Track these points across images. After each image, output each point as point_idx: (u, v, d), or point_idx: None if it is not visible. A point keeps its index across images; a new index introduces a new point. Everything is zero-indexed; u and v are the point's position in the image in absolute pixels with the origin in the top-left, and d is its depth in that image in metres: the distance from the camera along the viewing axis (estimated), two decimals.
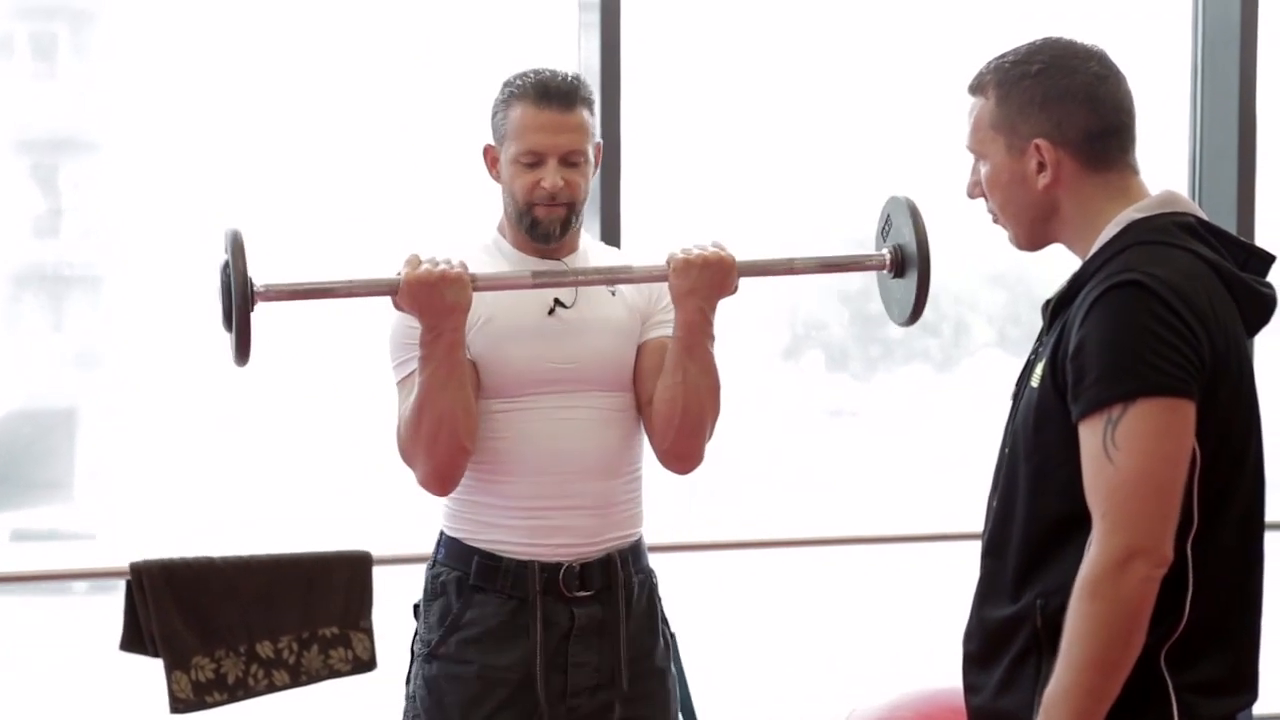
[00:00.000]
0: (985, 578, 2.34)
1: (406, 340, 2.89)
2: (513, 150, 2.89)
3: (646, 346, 2.97)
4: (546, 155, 2.88)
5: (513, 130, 2.89)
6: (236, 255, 2.72)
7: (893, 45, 4.85)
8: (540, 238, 2.92)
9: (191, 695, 3.54)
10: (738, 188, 4.79)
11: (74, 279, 4.51)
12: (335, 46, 4.45)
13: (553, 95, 2.88)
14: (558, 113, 2.88)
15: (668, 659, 3.03)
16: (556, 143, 2.88)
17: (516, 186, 2.90)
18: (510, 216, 2.95)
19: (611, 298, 2.96)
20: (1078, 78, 2.28)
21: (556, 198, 2.88)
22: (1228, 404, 2.19)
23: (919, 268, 2.83)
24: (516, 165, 2.89)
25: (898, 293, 2.91)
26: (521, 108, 2.89)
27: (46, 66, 4.47)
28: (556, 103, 2.88)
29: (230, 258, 2.72)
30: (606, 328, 2.94)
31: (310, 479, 4.56)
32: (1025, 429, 2.26)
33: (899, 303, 2.91)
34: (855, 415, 5.16)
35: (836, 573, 4.93)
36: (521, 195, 2.90)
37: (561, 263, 2.94)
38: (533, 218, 2.90)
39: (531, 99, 2.88)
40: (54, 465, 4.52)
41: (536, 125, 2.88)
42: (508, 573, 2.91)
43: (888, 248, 2.89)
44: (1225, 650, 2.23)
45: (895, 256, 2.88)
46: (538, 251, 2.95)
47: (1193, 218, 2.27)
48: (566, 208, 2.91)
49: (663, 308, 2.98)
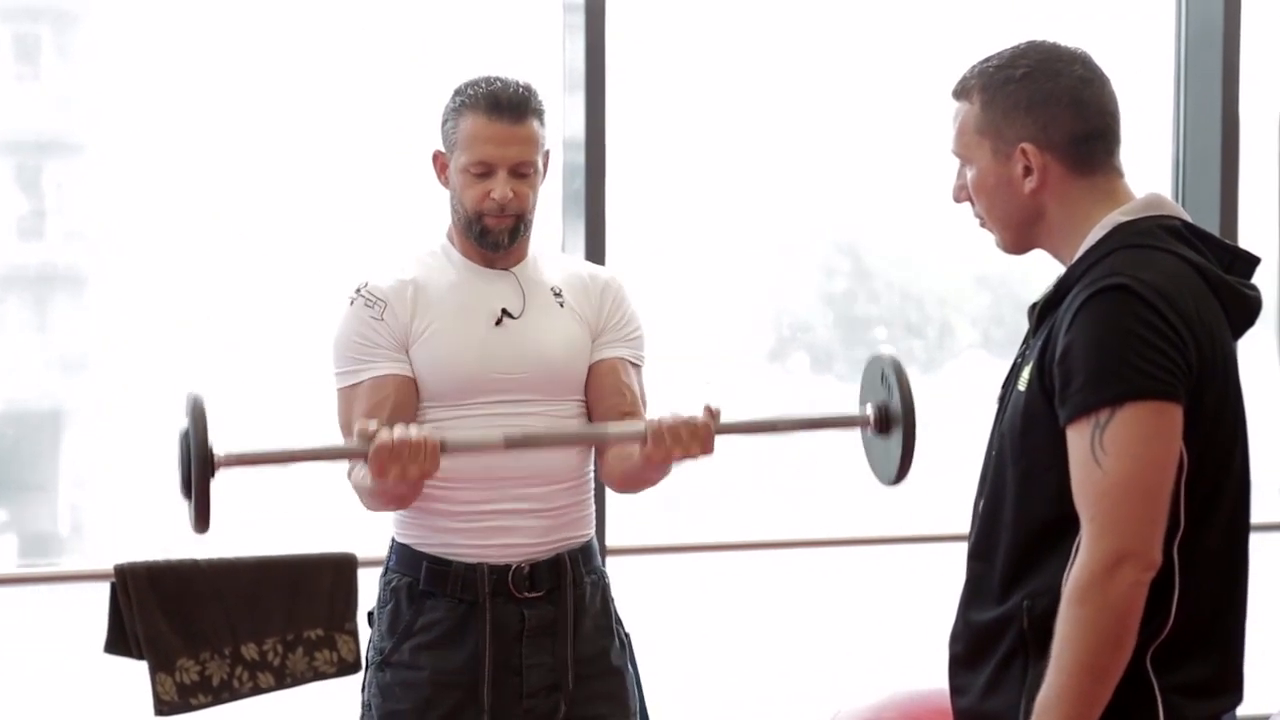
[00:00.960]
0: (971, 580, 2.34)
1: (354, 354, 2.92)
2: (463, 160, 2.90)
3: (600, 368, 2.99)
4: (496, 166, 2.89)
5: (463, 140, 2.90)
6: (197, 424, 2.60)
7: (880, 46, 4.85)
8: (490, 246, 2.93)
9: (176, 697, 3.53)
10: (723, 189, 4.79)
11: (58, 281, 4.50)
12: (320, 47, 4.45)
13: (504, 107, 2.88)
14: (508, 125, 2.88)
15: (624, 658, 3.04)
16: (506, 154, 2.89)
17: (466, 196, 2.91)
18: (459, 224, 2.96)
19: (560, 309, 2.97)
20: (1062, 81, 2.28)
21: (506, 209, 2.90)
22: (1214, 407, 2.19)
23: (904, 426, 2.76)
24: (466, 175, 2.91)
25: (882, 450, 2.84)
26: (472, 118, 2.89)
27: (30, 68, 4.47)
28: (508, 114, 2.88)
29: (191, 427, 2.60)
30: (554, 338, 2.95)
31: (295, 481, 4.55)
32: (1012, 433, 2.26)
33: (883, 461, 2.84)
34: None
35: (822, 575, 4.94)
36: (471, 205, 2.91)
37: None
38: (482, 226, 2.92)
39: (483, 110, 2.89)
40: (38, 467, 4.51)
41: (486, 136, 2.88)
42: (457, 577, 2.92)
43: (871, 406, 2.82)
44: (1211, 652, 2.23)
45: (879, 415, 2.81)
46: (486, 259, 2.96)
47: (1178, 221, 2.27)
48: (515, 218, 2.92)
49: (614, 324, 3.00)
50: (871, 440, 2.85)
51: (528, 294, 2.96)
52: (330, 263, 4.42)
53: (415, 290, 2.93)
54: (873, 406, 2.82)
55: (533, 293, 2.97)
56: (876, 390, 2.82)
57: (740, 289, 2.76)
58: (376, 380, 2.89)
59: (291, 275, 4.49)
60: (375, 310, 2.91)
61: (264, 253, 4.50)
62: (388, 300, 2.92)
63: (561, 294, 2.99)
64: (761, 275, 5.02)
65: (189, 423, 2.61)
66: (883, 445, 2.83)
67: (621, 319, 3.01)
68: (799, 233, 5.04)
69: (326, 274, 4.37)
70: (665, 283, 4.52)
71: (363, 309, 2.92)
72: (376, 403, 2.87)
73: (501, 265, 2.96)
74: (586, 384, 2.98)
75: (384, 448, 2.66)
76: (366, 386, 2.89)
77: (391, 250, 3.04)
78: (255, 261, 4.49)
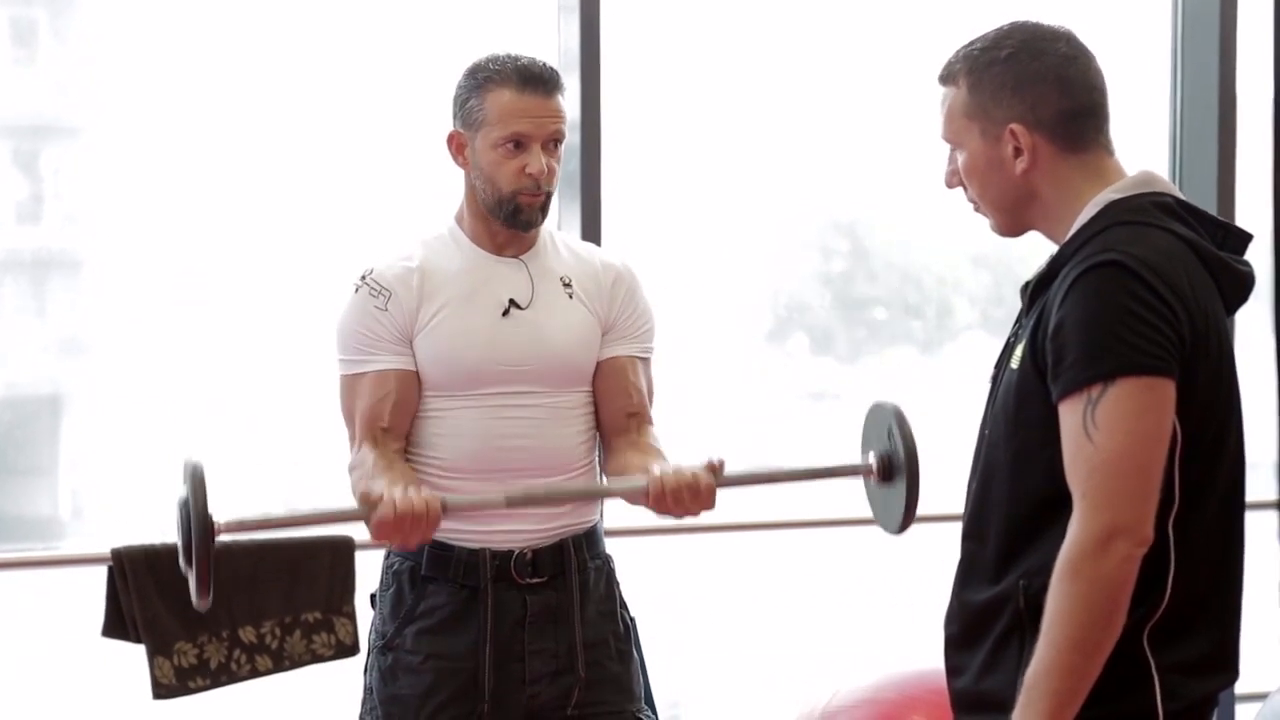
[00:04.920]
0: (966, 560, 2.34)
1: (357, 343, 2.91)
2: (495, 135, 2.86)
3: (608, 366, 2.97)
4: (532, 140, 2.86)
5: (493, 115, 2.86)
6: (197, 493, 2.55)
7: (878, 26, 4.85)
8: (522, 225, 2.90)
9: (174, 680, 3.53)
10: (720, 169, 4.78)
11: (56, 264, 4.50)
12: (315, 30, 4.44)
13: (536, 80, 2.86)
14: (542, 97, 2.86)
15: (629, 643, 3.03)
16: (542, 126, 2.86)
17: (501, 174, 2.87)
18: (486, 203, 2.91)
19: (569, 300, 2.95)
20: (1047, 60, 2.28)
21: (541, 185, 2.87)
22: (1208, 383, 2.19)
23: (907, 475, 2.74)
24: (498, 151, 2.86)
25: (885, 499, 2.82)
26: (501, 92, 2.85)
27: (26, 52, 4.46)
28: (540, 87, 2.86)
29: (190, 495, 2.56)
30: (562, 331, 2.93)
31: (293, 463, 4.55)
32: (1005, 411, 2.26)
33: (888, 509, 2.82)
34: (838, 398, 5.16)
35: (820, 555, 4.94)
36: (507, 183, 2.86)
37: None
38: (516, 204, 2.87)
39: (514, 84, 2.85)
40: (36, 452, 4.51)
41: (521, 110, 2.85)
42: (459, 562, 2.91)
43: (874, 455, 2.80)
44: (1207, 630, 2.23)
45: (882, 464, 2.79)
46: (496, 246, 2.93)
47: (1170, 197, 2.27)
48: (547, 195, 2.89)
49: (624, 319, 2.98)
50: (875, 489, 2.83)
51: (536, 284, 2.93)
52: (328, 245, 4.41)
53: (422, 278, 2.90)
54: (875, 456, 2.79)
55: (542, 282, 2.94)
56: (879, 439, 2.80)
57: (738, 270, 2.75)
58: (378, 375, 2.88)
59: (289, 258, 4.49)
60: (380, 300, 2.89)
61: (261, 236, 4.49)
62: (393, 290, 2.89)
63: (571, 284, 2.96)
64: (759, 256, 5.01)
65: (188, 492, 2.56)
66: (886, 494, 2.81)
67: (632, 313, 2.99)
68: (796, 213, 5.04)
69: (324, 257, 4.37)
70: (662, 264, 4.51)
71: (368, 298, 2.89)
72: (378, 399, 2.87)
73: (511, 253, 2.94)
74: (594, 378, 2.97)
75: (386, 522, 2.63)
76: (369, 381, 2.88)
77: (395, 234, 3.02)
78: (253, 244, 4.49)
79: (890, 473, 2.78)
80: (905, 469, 2.73)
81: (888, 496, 2.80)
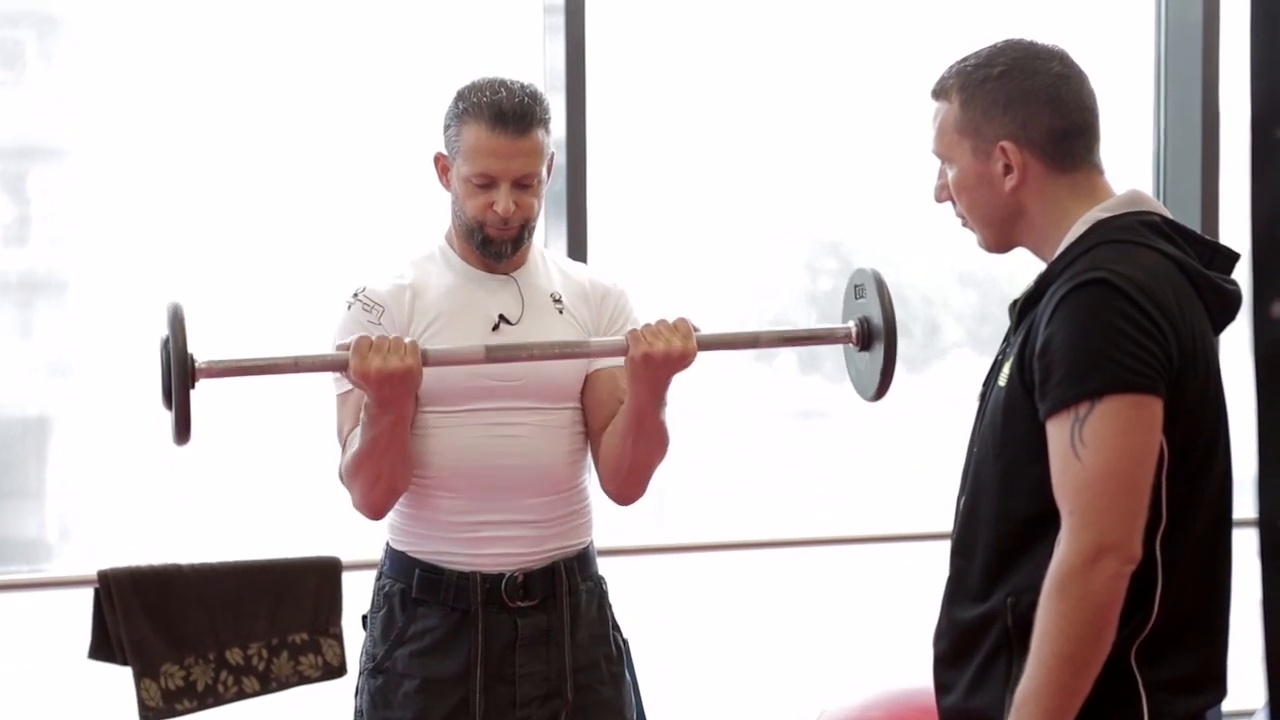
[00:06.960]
0: (954, 577, 2.34)
1: None
2: (465, 170, 2.86)
3: (597, 378, 2.96)
4: (499, 179, 2.85)
5: (465, 150, 2.86)
6: (176, 331, 2.58)
7: (862, 44, 4.85)
8: (493, 256, 2.91)
9: (161, 703, 3.52)
10: (706, 187, 4.79)
11: (42, 286, 4.49)
12: (301, 50, 4.44)
13: (508, 119, 2.83)
14: (511, 138, 2.83)
15: (621, 665, 3.02)
16: (509, 168, 2.84)
17: (468, 206, 2.87)
18: (460, 231, 2.93)
19: (559, 315, 2.95)
20: (1040, 79, 2.28)
21: (509, 221, 2.87)
22: (1195, 401, 2.19)
23: (885, 341, 2.77)
24: (468, 185, 2.86)
25: (863, 366, 2.86)
26: (475, 128, 2.84)
27: (13, 74, 4.46)
28: (511, 127, 2.83)
29: (170, 334, 2.58)
30: None
31: (279, 485, 4.54)
32: (993, 429, 2.26)
33: (865, 376, 2.86)
34: (825, 416, 5.16)
35: (807, 574, 4.93)
36: (473, 215, 2.87)
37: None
38: (484, 235, 2.88)
39: (486, 121, 2.83)
40: (23, 474, 4.50)
41: (489, 150, 2.84)
42: (450, 585, 2.91)
43: (854, 321, 2.84)
44: (1195, 648, 2.23)
45: (861, 329, 2.82)
46: (485, 264, 2.93)
47: (1158, 216, 2.27)
48: (519, 228, 2.89)
49: (614, 331, 2.97)
50: (854, 356, 2.88)
51: (526, 300, 2.94)
52: (315, 266, 4.41)
53: (413, 294, 2.91)
54: (855, 321, 2.84)
55: (532, 299, 2.94)
56: (859, 305, 2.85)
57: (724, 288, 2.75)
58: None
59: (276, 280, 4.49)
60: (373, 315, 2.88)
61: (247, 257, 4.49)
62: (385, 305, 2.89)
63: (561, 300, 2.96)
64: (745, 274, 5.01)
65: (169, 331, 2.58)
66: (864, 361, 2.85)
67: (621, 329, 2.97)
68: (783, 231, 5.04)
69: (312, 278, 4.36)
70: (648, 282, 4.51)
71: (360, 313, 2.89)
72: None
73: (501, 270, 2.94)
74: (583, 392, 2.96)
75: (364, 341, 2.67)
76: (361, 396, 2.88)
77: (383, 254, 3.02)
78: (239, 266, 4.48)
79: (869, 339, 2.82)
80: (883, 335, 2.78)
81: (865, 362, 2.85)
